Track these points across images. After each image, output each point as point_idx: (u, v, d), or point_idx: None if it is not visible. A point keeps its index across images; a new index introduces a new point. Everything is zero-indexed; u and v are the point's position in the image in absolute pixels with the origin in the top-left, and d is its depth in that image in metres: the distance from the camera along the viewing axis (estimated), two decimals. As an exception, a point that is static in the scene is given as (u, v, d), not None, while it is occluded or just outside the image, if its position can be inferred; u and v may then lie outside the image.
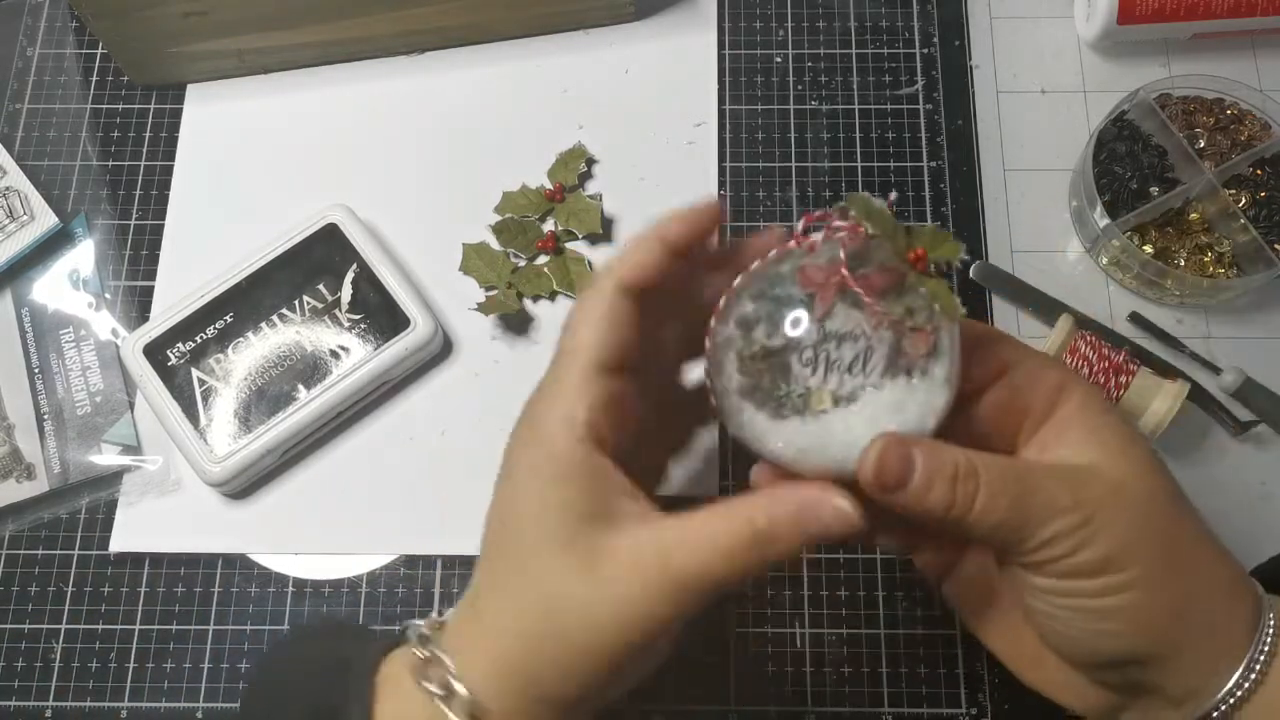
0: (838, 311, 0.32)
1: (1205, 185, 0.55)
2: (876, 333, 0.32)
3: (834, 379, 0.32)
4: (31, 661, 0.52)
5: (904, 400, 0.31)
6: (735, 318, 0.33)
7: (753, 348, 0.32)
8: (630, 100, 0.62)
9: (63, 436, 0.55)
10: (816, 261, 0.33)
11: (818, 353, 0.32)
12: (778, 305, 0.33)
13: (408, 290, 0.55)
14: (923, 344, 0.32)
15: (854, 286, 0.31)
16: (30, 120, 0.63)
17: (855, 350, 0.32)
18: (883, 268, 0.32)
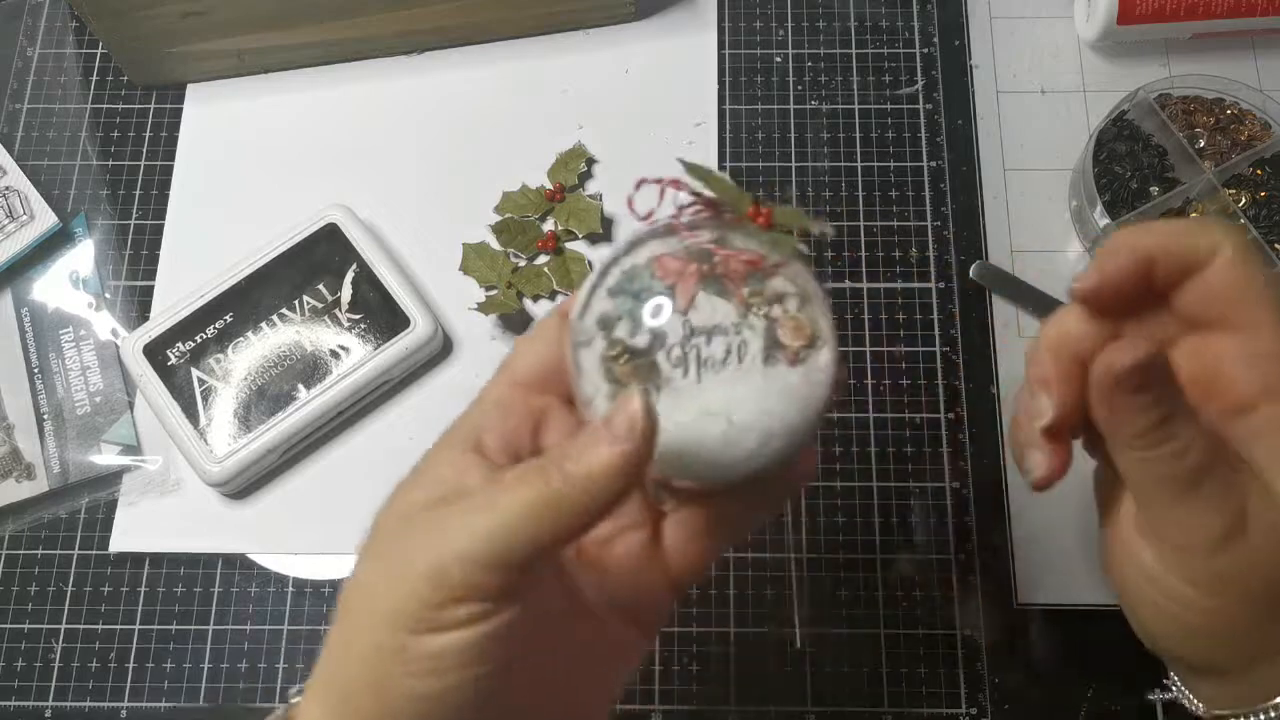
0: (701, 303, 0.30)
1: (1205, 185, 0.55)
2: (746, 321, 0.29)
3: (708, 377, 0.29)
4: (31, 661, 0.52)
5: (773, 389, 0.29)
6: (594, 316, 0.30)
7: (615, 349, 0.30)
8: (630, 100, 0.62)
9: (63, 436, 0.55)
10: (673, 249, 0.30)
11: (686, 350, 0.29)
12: (637, 300, 0.30)
13: (407, 290, 0.55)
14: (798, 331, 0.29)
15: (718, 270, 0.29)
16: (30, 120, 0.63)
17: (726, 344, 0.29)
18: (743, 251, 0.30)
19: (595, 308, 0.30)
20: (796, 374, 0.29)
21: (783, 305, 0.30)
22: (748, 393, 0.29)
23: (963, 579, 0.52)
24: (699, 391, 0.29)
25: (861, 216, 0.59)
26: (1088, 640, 0.51)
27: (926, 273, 0.58)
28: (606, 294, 0.30)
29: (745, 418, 0.29)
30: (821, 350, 0.29)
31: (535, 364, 0.32)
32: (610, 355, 0.30)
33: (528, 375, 0.32)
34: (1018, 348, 0.56)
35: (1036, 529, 0.53)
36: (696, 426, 0.29)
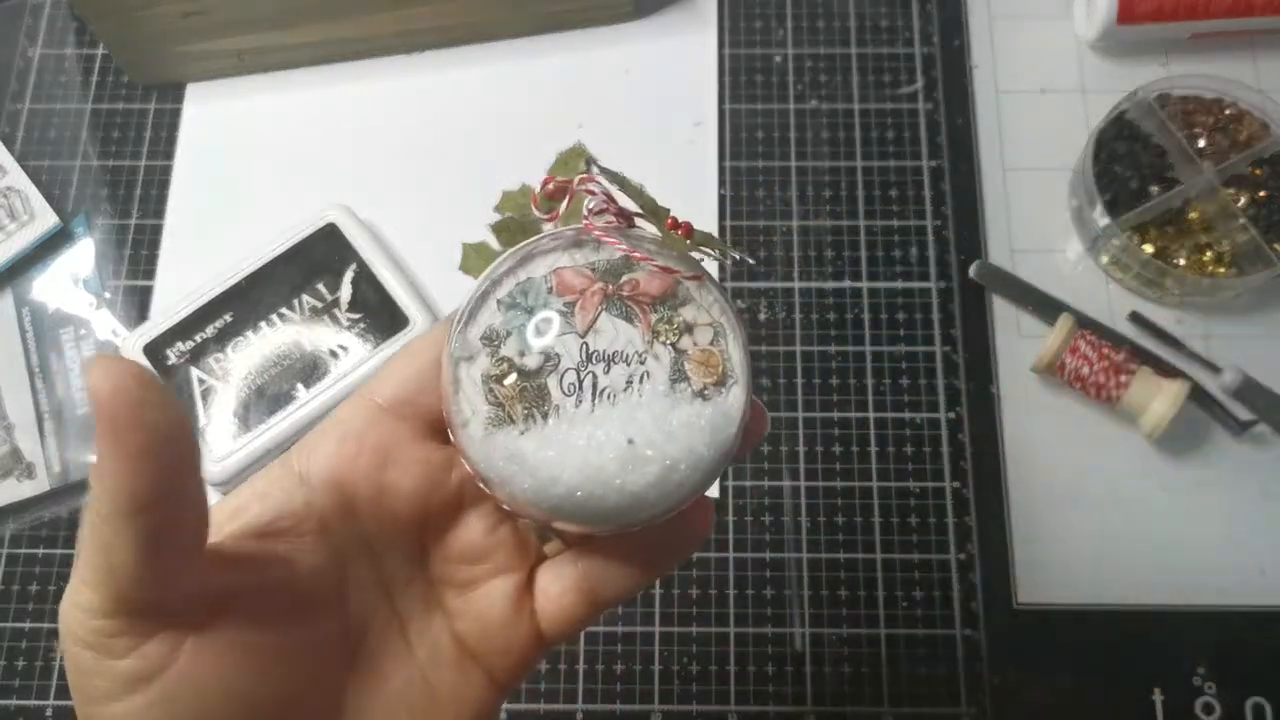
0: (603, 325, 0.27)
1: (1205, 185, 0.55)
2: (651, 350, 0.27)
3: (603, 408, 0.26)
4: (31, 661, 0.52)
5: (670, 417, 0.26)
6: (480, 330, 0.27)
7: (500, 367, 0.27)
8: (630, 100, 0.62)
9: (63, 436, 0.55)
10: (575, 262, 0.28)
11: (581, 376, 0.26)
12: (530, 316, 0.27)
13: (407, 289, 0.55)
14: (708, 368, 0.26)
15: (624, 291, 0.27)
16: (30, 120, 0.63)
17: (627, 374, 0.26)
18: (655, 271, 0.27)
19: (482, 320, 0.28)
20: (702, 411, 0.26)
21: (693, 337, 0.27)
22: (650, 421, 0.26)
23: (963, 579, 0.52)
24: (590, 421, 0.26)
25: (861, 216, 0.59)
26: (1088, 640, 0.51)
27: (926, 273, 0.58)
28: (496, 306, 0.28)
29: (648, 445, 0.26)
30: (731, 389, 0.26)
31: (401, 384, 0.28)
32: (494, 374, 0.27)
33: (388, 396, 0.28)
34: (1018, 348, 0.56)
35: (1036, 529, 0.53)
36: (591, 452, 0.26)
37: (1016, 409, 0.55)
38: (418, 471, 0.28)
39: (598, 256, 0.28)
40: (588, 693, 0.51)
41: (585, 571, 0.29)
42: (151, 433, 0.22)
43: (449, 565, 0.29)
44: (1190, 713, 0.50)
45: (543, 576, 0.29)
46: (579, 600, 0.29)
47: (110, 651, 0.23)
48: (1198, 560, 0.52)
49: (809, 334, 0.56)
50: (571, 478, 0.25)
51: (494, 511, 0.29)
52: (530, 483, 0.26)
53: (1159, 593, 0.52)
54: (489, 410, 0.26)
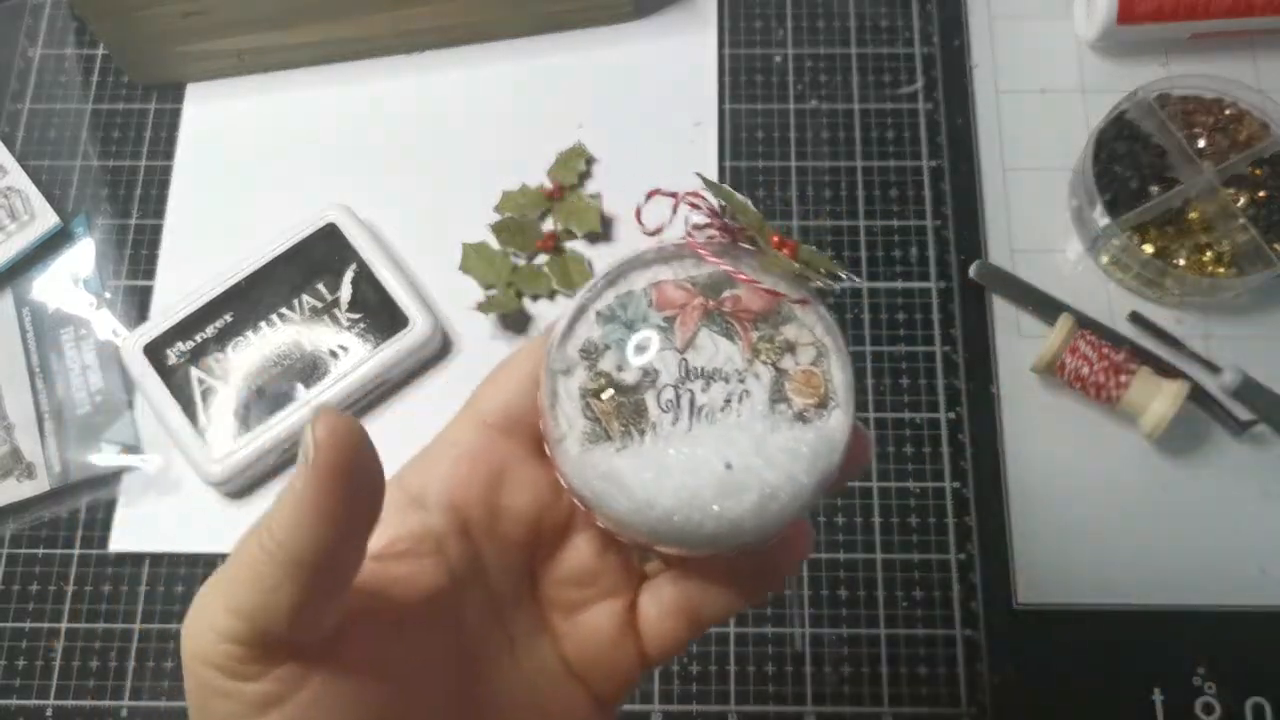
0: (703, 341, 0.26)
1: (1205, 185, 0.55)
2: (751, 369, 0.26)
3: (700, 427, 0.25)
4: (32, 661, 0.52)
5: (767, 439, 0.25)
6: (578, 342, 0.27)
7: (598, 381, 0.26)
8: (630, 100, 0.62)
9: (63, 436, 0.55)
10: (676, 275, 0.27)
11: (679, 393, 0.26)
12: (630, 330, 0.27)
13: (407, 290, 0.55)
14: (809, 388, 0.26)
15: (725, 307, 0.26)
16: (31, 120, 0.63)
17: (726, 392, 0.26)
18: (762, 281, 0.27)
19: (580, 333, 0.27)
20: (803, 436, 0.26)
21: (794, 356, 0.26)
22: (749, 444, 0.25)
23: (963, 579, 0.52)
24: (687, 441, 0.25)
25: (861, 216, 0.59)
26: (1088, 640, 0.51)
27: (926, 273, 0.58)
28: (595, 318, 0.27)
29: (746, 470, 0.25)
30: (833, 412, 0.26)
31: (509, 399, 0.28)
32: (591, 389, 0.26)
33: (497, 414, 0.28)
34: (1018, 348, 0.56)
35: (1036, 529, 0.53)
36: (688, 475, 0.25)
37: (1016, 409, 0.55)
38: (530, 493, 0.28)
39: (699, 270, 0.27)
40: (588, 693, 0.51)
41: (686, 593, 0.29)
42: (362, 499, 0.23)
43: (558, 587, 0.29)
44: (1190, 713, 0.50)
45: (644, 598, 0.29)
46: (681, 623, 0.29)
47: (240, 675, 0.23)
48: (1198, 560, 0.52)
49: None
50: (668, 501, 0.25)
51: (601, 534, 0.29)
52: (627, 504, 0.25)
53: (1159, 593, 0.52)
54: (585, 425, 0.26)
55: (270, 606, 0.22)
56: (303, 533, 0.22)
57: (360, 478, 0.22)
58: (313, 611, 0.23)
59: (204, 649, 0.23)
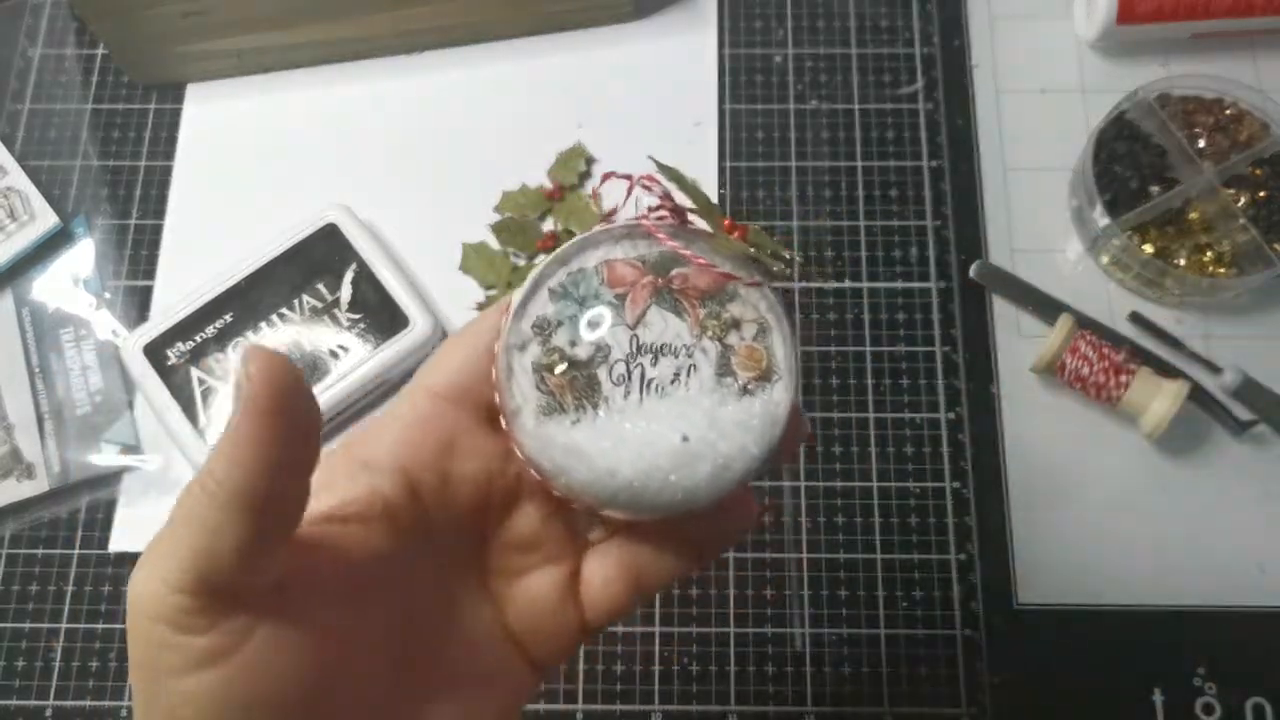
0: (653, 318, 0.27)
1: (1205, 185, 0.55)
2: (699, 344, 0.27)
3: (650, 400, 0.27)
4: (31, 661, 0.52)
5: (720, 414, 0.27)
6: (531, 319, 0.28)
7: (551, 356, 0.27)
8: (630, 100, 0.62)
9: (63, 436, 0.55)
10: (627, 254, 0.28)
11: (630, 368, 0.27)
12: (582, 307, 0.28)
13: (407, 290, 0.55)
14: (753, 362, 0.27)
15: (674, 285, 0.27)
16: (30, 120, 0.63)
17: (675, 366, 0.27)
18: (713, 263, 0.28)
19: (533, 310, 0.28)
20: (751, 408, 0.27)
21: (740, 332, 0.28)
22: (702, 418, 0.27)
23: (963, 579, 0.52)
24: (640, 413, 0.27)
25: (861, 216, 0.59)
26: (1088, 640, 0.51)
27: (926, 273, 0.58)
28: (548, 295, 0.28)
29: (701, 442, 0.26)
30: (775, 385, 0.27)
31: (458, 370, 0.28)
32: (545, 364, 0.27)
33: (448, 385, 0.28)
34: (1018, 348, 0.56)
35: (1036, 529, 0.53)
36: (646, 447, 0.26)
37: (1016, 409, 0.55)
38: (478, 461, 0.28)
39: (649, 250, 0.28)
40: (588, 693, 0.51)
41: (630, 559, 0.29)
42: (293, 431, 0.23)
43: (502, 553, 0.30)
44: (1190, 713, 0.50)
45: (588, 564, 0.30)
46: (624, 588, 0.29)
47: (187, 628, 0.23)
48: (1198, 560, 0.52)
49: (809, 334, 0.56)
50: (627, 471, 0.26)
51: (548, 502, 0.29)
52: (587, 474, 0.26)
53: (1159, 593, 0.52)
54: (540, 399, 0.27)
55: (215, 550, 0.23)
56: (241, 470, 0.22)
57: (294, 413, 0.23)
58: (257, 553, 0.23)
59: (153, 603, 0.23)
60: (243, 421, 0.22)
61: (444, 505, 0.28)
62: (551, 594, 0.29)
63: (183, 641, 0.23)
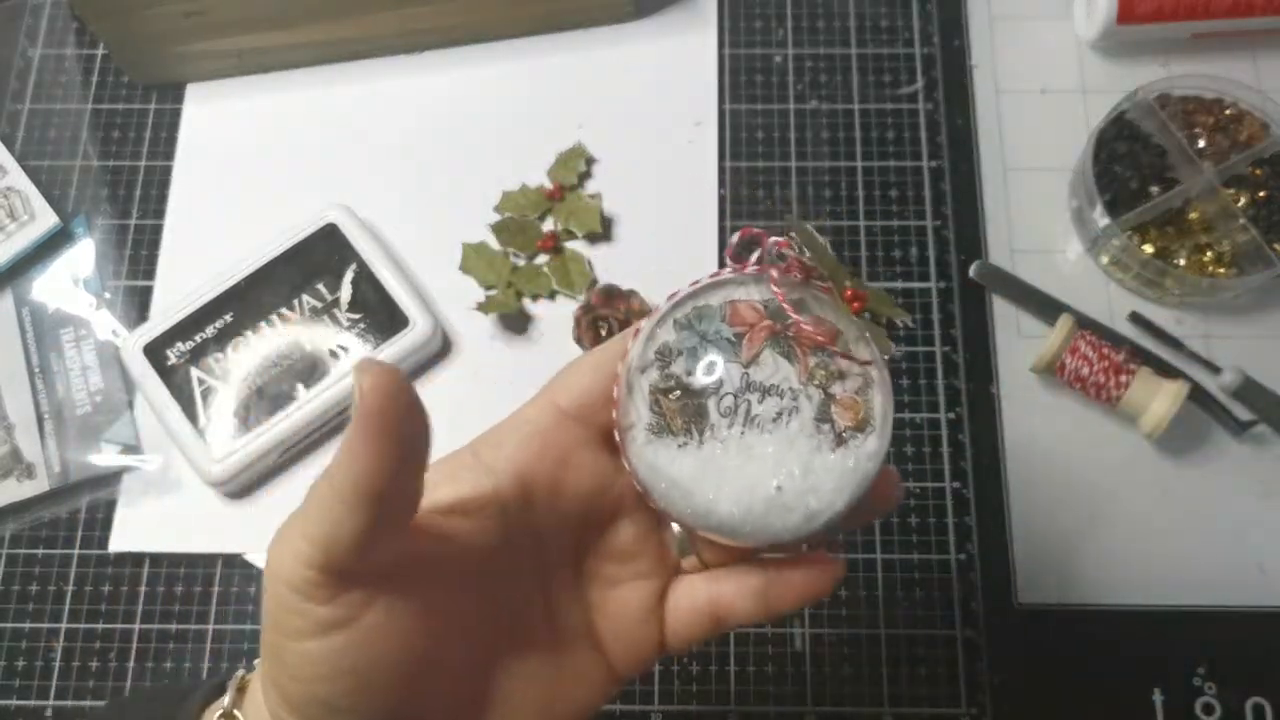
0: (765, 359, 0.30)
1: (1205, 185, 0.55)
2: (805, 390, 0.29)
3: (751, 435, 0.29)
4: (31, 661, 0.52)
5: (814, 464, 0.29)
6: (656, 345, 0.30)
7: (668, 382, 0.30)
8: (630, 100, 0.62)
9: (63, 436, 0.55)
10: (750, 298, 0.30)
11: (738, 402, 0.29)
12: (703, 340, 0.30)
13: (407, 290, 0.55)
14: (851, 413, 0.29)
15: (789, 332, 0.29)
16: (30, 120, 0.63)
17: (779, 407, 0.29)
18: (820, 320, 0.30)
19: (659, 336, 0.30)
20: (842, 455, 0.29)
21: (843, 384, 0.29)
22: (795, 463, 0.29)
23: (963, 579, 0.52)
24: (741, 446, 0.29)
25: (861, 216, 0.59)
26: (1088, 640, 0.51)
27: (926, 273, 0.58)
28: (674, 325, 0.30)
29: (794, 494, 0.29)
30: (870, 437, 0.29)
31: (585, 391, 0.31)
32: (661, 388, 0.30)
33: (573, 403, 0.31)
34: (1018, 348, 0.56)
35: (1036, 529, 0.53)
36: (744, 493, 0.29)
37: (1016, 409, 0.55)
38: (590, 475, 0.31)
39: (771, 295, 0.30)
40: (588, 693, 0.51)
41: (715, 597, 0.32)
42: (406, 437, 0.26)
43: (600, 563, 0.32)
44: (1190, 713, 0.50)
45: (676, 591, 0.32)
46: (704, 621, 0.32)
47: (313, 597, 0.26)
48: (1198, 560, 0.52)
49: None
50: (723, 510, 0.29)
51: (645, 521, 0.32)
52: (687, 503, 0.29)
53: (1159, 593, 0.52)
54: (652, 419, 0.29)
55: (336, 536, 0.26)
56: (356, 471, 0.25)
57: (402, 419, 0.25)
58: (373, 541, 0.26)
59: (285, 571, 0.26)
60: (356, 429, 0.25)
61: (553, 512, 0.31)
62: (639, 607, 0.32)
63: (308, 609, 0.26)
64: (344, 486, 0.25)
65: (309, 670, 0.27)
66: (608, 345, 0.31)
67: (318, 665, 0.26)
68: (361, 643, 0.27)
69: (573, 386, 0.31)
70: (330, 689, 0.27)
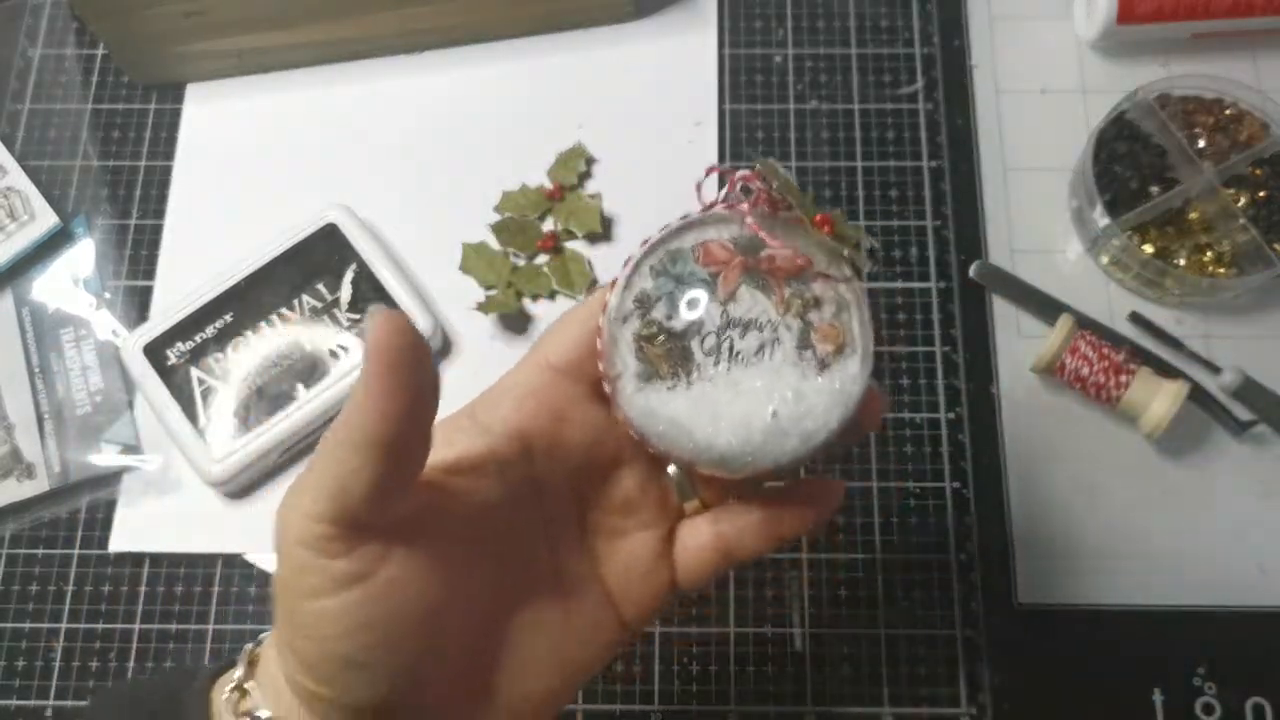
0: (742, 295, 0.30)
1: (1205, 185, 0.55)
2: (783, 321, 0.30)
3: (737, 370, 0.30)
4: (31, 661, 0.52)
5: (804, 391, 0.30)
6: (634, 294, 0.31)
7: (650, 329, 0.30)
8: (630, 100, 0.62)
9: (63, 436, 0.55)
10: (720, 236, 0.31)
11: (720, 340, 0.30)
12: (678, 284, 0.31)
13: (407, 290, 0.55)
14: (831, 338, 0.30)
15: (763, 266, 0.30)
16: (30, 120, 0.63)
17: (760, 340, 0.30)
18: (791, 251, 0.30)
19: (635, 285, 0.31)
20: (828, 378, 0.30)
21: (819, 311, 0.30)
22: (786, 389, 0.29)
23: (963, 579, 0.52)
24: (729, 382, 0.30)
25: (861, 216, 0.59)
26: (1088, 640, 0.51)
27: (926, 273, 0.58)
28: (649, 272, 0.31)
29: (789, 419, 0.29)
30: (849, 358, 0.30)
31: (570, 344, 0.31)
32: (644, 335, 0.30)
33: (561, 357, 0.31)
34: (1018, 347, 0.56)
35: (1036, 529, 0.53)
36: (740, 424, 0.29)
37: (1016, 409, 0.55)
38: (586, 428, 0.32)
39: (740, 233, 0.31)
40: (588, 693, 0.51)
41: (722, 531, 0.32)
42: (415, 384, 0.26)
43: (603, 515, 0.33)
44: (1190, 713, 0.50)
45: (683, 531, 0.33)
46: (715, 556, 0.33)
47: (327, 551, 0.27)
48: (1198, 560, 0.52)
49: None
50: (722, 443, 0.29)
51: (644, 470, 0.33)
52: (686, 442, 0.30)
53: (1159, 593, 0.52)
54: (639, 366, 0.30)
55: (350, 487, 0.26)
56: (368, 417, 0.26)
57: (412, 364, 0.26)
58: (386, 490, 0.26)
59: (296, 530, 0.27)
60: (369, 372, 0.26)
61: (552, 466, 0.31)
62: (646, 556, 0.33)
63: (323, 564, 0.27)
64: (356, 434, 0.26)
65: (327, 628, 0.27)
66: (590, 298, 0.32)
67: (336, 622, 0.27)
68: (379, 596, 0.27)
69: (560, 343, 0.31)
70: (350, 645, 0.27)
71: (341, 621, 0.27)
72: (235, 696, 0.30)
